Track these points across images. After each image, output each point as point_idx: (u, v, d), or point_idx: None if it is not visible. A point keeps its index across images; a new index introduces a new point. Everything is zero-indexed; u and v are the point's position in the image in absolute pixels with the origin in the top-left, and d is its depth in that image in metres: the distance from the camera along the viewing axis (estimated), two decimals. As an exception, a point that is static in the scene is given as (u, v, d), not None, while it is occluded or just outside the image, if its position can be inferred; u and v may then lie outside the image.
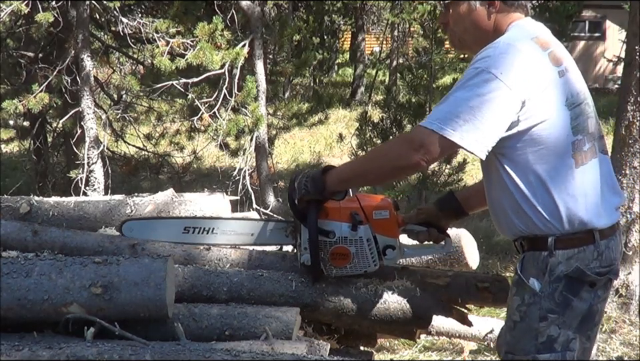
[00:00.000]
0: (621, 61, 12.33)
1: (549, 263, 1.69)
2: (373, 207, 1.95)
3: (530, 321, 1.71)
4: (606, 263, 1.71)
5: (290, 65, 7.09)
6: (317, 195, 1.85)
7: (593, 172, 1.73)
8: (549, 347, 1.68)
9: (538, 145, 1.67)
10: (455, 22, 1.82)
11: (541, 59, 1.67)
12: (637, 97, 4.07)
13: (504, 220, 1.78)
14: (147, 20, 5.78)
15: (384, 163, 1.76)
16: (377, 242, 1.94)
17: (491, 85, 1.61)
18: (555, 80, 1.68)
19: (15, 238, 2.14)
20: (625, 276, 4.26)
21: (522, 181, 1.69)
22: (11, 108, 5.43)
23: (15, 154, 9.12)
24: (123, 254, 1.99)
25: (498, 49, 1.66)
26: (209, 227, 2.16)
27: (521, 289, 1.74)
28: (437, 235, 2.06)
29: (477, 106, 1.62)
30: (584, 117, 1.74)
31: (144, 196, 2.57)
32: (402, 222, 2.02)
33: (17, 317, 1.64)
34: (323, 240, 1.91)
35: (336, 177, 1.84)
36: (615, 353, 3.87)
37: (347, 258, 1.93)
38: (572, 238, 1.69)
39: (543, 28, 1.81)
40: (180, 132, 7.22)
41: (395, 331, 2.15)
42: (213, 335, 1.78)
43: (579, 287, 1.69)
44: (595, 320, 1.74)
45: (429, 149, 1.65)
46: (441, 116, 1.64)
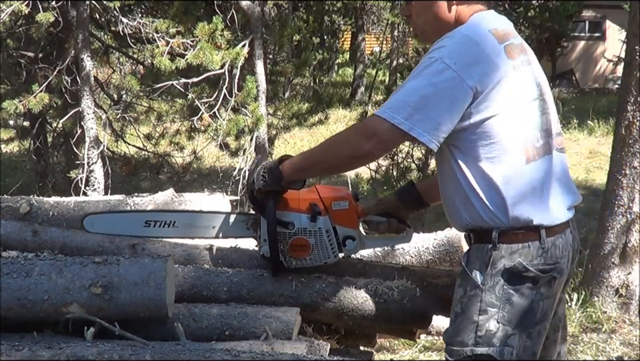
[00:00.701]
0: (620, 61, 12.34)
1: (492, 256, 1.69)
2: (332, 198, 1.95)
3: (470, 313, 1.70)
4: (550, 261, 1.70)
5: (290, 65, 7.09)
6: (275, 186, 1.85)
7: (544, 168, 1.72)
8: (488, 341, 1.68)
9: (489, 139, 1.67)
10: (417, 14, 1.83)
11: (496, 52, 1.67)
12: (637, 97, 4.07)
13: (453, 211, 1.79)
14: (147, 20, 5.77)
15: (337, 152, 1.76)
16: (337, 233, 1.94)
17: (444, 75, 1.62)
18: (509, 73, 1.67)
19: (14, 238, 2.14)
20: (625, 276, 4.26)
21: (471, 174, 1.70)
22: (11, 108, 5.43)
23: (15, 154, 9.12)
24: (122, 254, 1.99)
25: (453, 39, 1.67)
26: (170, 220, 2.15)
27: (464, 281, 1.74)
28: (397, 226, 2.05)
29: (429, 95, 1.62)
30: (539, 113, 1.73)
31: (144, 196, 2.57)
32: (362, 213, 2.02)
33: (17, 317, 1.64)
34: (282, 232, 1.91)
35: (292, 167, 1.83)
36: (614, 353, 3.87)
37: (306, 250, 1.93)
38: (516, 233, 1.69)
39: (503, 21, 1.80)
40: (180, 132, 7.21)
41: (395, 331, 2.15)
42: (213, 335, 1.78)
43: (521, 283, 1.69)
44: (537, 318, 1.71)
45: (381, 138, 1.65)
46: (393, 105, 1.65)
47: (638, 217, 4.18)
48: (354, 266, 2.10)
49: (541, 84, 1.78)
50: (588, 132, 11.14)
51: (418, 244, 2.41)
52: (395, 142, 1.71)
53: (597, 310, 4.22)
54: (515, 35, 1.77)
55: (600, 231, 4.34)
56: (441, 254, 2.30)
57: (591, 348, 3.90)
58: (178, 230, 2.15)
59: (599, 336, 4.04)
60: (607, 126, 10.77)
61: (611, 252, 4.25)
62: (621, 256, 4.24)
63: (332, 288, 1.97)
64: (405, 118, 1.62)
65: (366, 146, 1.66)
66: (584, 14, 18.81)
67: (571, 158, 9.73)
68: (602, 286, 4.30)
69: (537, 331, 1.72)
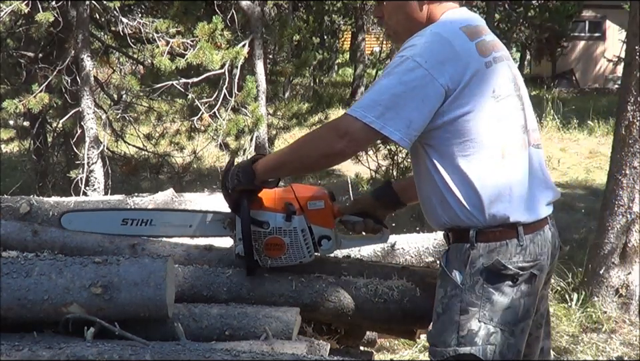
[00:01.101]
0: (620, 61, 12.34)
1: (471, 255, 1.69)
2: (307, 197, 1.95)
3: (451, 313, 1.70)
4: (529, 258, 1.70)
5: (290, 65, 7.08)
6: (248, 185, 1.85)
7: (520, 165, 1.72)
8: (470, 341, 1.68)
9: (463, 137, 1.67)
10: (389, 14, 1.83)
11: (467, 49, 1.67)
12: (637, 97, 4.07)
13: (430, 211, 1.79)
14: (147, 20, 5.76)
15: (309, 151, 1.76)
16: (312, 232, 1.94)
17: (415, 73, 1.61)
18: (481, 70, 1.67)
19: (14, 238, 2.14)
20: (625, 276, 4.26)
21: (447, 172, 1.69)
22: (11, 108, 5.42)
23: (15, 154, 9.11)
24: (122, 254, 1.99)
25: (424, 37, 1.66)
26: (147, 219, 2.15)
27: (444, 281, 1.74)
28: (374, 226, 2.05)
29: (400, 94, 1.62)
30: (512, 109, 1.73)
31: (144, 196, 2.57)
32: (338, 213, 2.01)
33: (17, 317, 1.64)
34: (257, 231, 1.91)
35: (265, 166, 1.83)
36: (614, 353, 3.87)
37: (281, 249, 1.93)
38: (494, 231, 1.69)
39: (475, 18, 1.80)
40: (180, 132, 7.20)
41: (395, 331, 2.15)
42: (213, 335, 1.78)
43: (500, 281, 1.68)
44: (519, 316, 1.71)
45: (353, 137, 1.64)
46: (364, 103, 1.64)
47: (638, 217, 4.18)
48: (354, 266, 2.10)
49: (516, 80, 1.78)
50: (588, 132, 11.14)
51: (418, 244, 2.41)
52: (366, 140, 1.70)
53: (597, 310, 4.22)
54: (486, 32, 1.76)
55: (600, 231, 4.34)
56: (441, 254, 2.30)
57: (591, 348, 3.90)
58: (155, 229, 2.15)
59: (598, 336, 4.04)
60: (607, 126, 10.77)
61: (611, 252, 4.25)
62: (621, 256, 4.24)
63: (332, 288, 1.97)
64: (377, 117, 1.62)
65: (338, 145, 1.66)
66: (584, 14, 18.82)
67: (571, 158, 9.74)
68: (602, 286, 4.29)
69: (519, 328, 1.72)
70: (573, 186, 8.37)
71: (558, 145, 10.44)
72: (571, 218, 6.91)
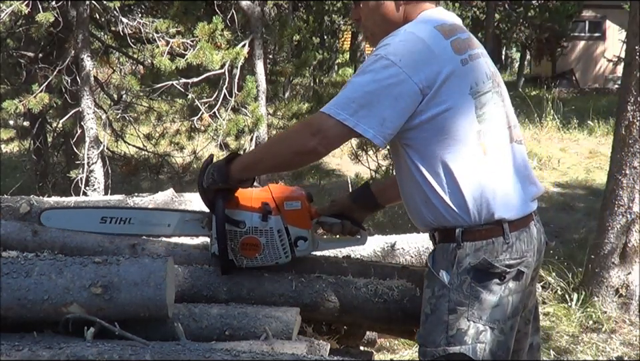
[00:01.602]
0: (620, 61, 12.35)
1: (457, 255, 1.69)
2: (284, 198, 1.95)
3: (440, 313, 1.70)
4: (516, 255, 1.70)
5: (290, 65, 7.08)
6: (223, 184, 1.85)
7: (502, 162, 1.72)
8: (459, 340, 1.68)
9: (442, 135, 1.66)
10: (366, 17, 1.83)
11: (442, 47, 1.67)
12: (637, 97, 4.07)
13: (415, 211, 1.79)
14: (147, 20, 5.76)
15: (283, 149, 1.76)
16: (289, 233, 1.94)
17: (389, 71, 1.61)
18: (457, 68, 1.67)
19: (14, 238, 2.14)
20: (625, 276, 4.26)
21: (428, 172, 1.69)
22: (11, 108, 5.42)
23: (15, 154, 9.11)
24: (123, 254, 1.99)
25: (398, 37, 1.67)
26: (126, 217, 2.15)
27: (432, 281, 1.74)
28: (351, 227, 2.05)
29: (374, 91, 1.62)
30: (491, 105, 1.72)
31: (144, 196, 2.57)
32: (315, 214, 2.01)
33: (17, 317, 1.64)
34: (233, 230, 1.90)
35: (239, 165, 1.83)
36: (614, 353, 3.87)
37: (257, 249, 1.92)
38: (480, 229, 1.69)
39: (450, 17, 1.80)
40: (180, 132, 7.20)
41: (395, 331, 2.15)
42: (213, 335, 1.78)
43: (488, 279, 1.68)
44: (508, 313, 1.71)
45: (326, 134, 1.65)
46: (338, 101, 1.64)
47: (638, 217, 4.18)
48: (354, 266, 2.10)
49: (494, 77, 1.77)
50: (588, 132, 11.14)
51: (418, 244, 2.41)
52: (340, 138, 1.69)
53: (597, 310, 4.22)
54: (461, 30, 1.77)
55: (600, 231, 4.34)
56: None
57: (591, 348, 3.90)
58: (134, 227, 2.14)
59: (599, 336, 4.04)
60: (607, 126, 10.76)
61: (611, 252, 4.25)
62: (621, 256, 4.24)
63: (332, 288, 1.97)
64: (350, 114, 1.62)
65: (311, 142, 1.66)
66: (584, 14, 18.82)
67: (571, 158, 9.74)
68: (602, 286, 4.29)
69: (509, 326, 1.72)
70: (573, 186, 8.36)
71: (558, 145, 10.44)
72: (571, 218, 6.91)
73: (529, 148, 9.71)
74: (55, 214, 2.20)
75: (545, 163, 9.26)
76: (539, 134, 10.81)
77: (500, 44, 23.05)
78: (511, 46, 24.15)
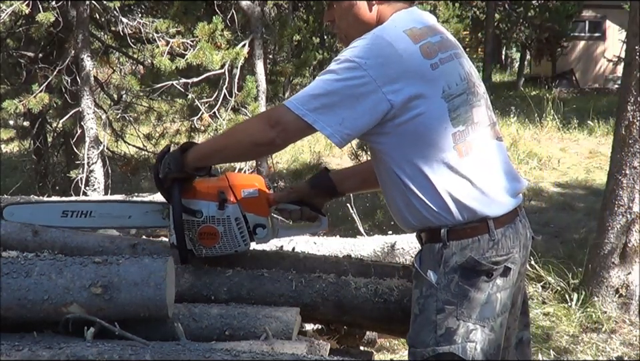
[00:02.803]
0: (620, 61, 12.35)
1: (444, 254, 1.69)
2: (241, 185, 1.94)
3: (428, 313, 1.70)
4: (503, 252, 1.70)
5: (290, 65, 7.09)
6: (178, 173, 1.84)
7: (481, 160, 1.72)
8: (449, 339, 1.67)
9: (416, 140, 1.66)
10: (339, 18, 1.82)
11: (410, 53, 1.65)
12: (637, 97, 4.07)
13: (398, 214, 1.78)
14: (147, 20, 5.77)
15: (241, 139, 1.75)
16: (247, 221, 1.93)
17: (354, 73, 1.61)
18: (426, 73, 1.66)
19: (15, 238, 2.14)
20: (625, 276, 4.25)
21: (406, 176, 1.69)
22: (11, 108, 5.43)
23: (15, 154, 9.12)
24: (123, 254, 1.99)
25: (366, 40, 1.66)
26: (86, 210, 2.14)
27: (419, 282, 1.73)
28: (310, 213, 2.04)
29: (336, 91, 1.62)
30: (467, 107, 1.71)
31: (144, 196, 2.58)
32: (273, 201, 2.01)
33: (17, 317, 1.64)
34: (190, 220, 1.90)
35: (195, 154, 1.82)
36: (614, 353, 3.87)
37: (215, 238, 1.92)
38: (465, 228, 1.69)
39: (423, 19, 1.78)
40: (180, 132, 7.20)
41: (395, 331, 2.15)
42: (213, 335, 1.78)
43: (475, 277, 1.68)
44: (497, 310, 1.71)
45: (285, 127, 1.65)
46: (300, 96, 1.65)
47: (638, 217, 4.17)
48: (354, 265, 2.10)
49: (469, 77, 1.76)
50: (588, 132, 11.14)
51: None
52: (297, 132, 1.68)
53: (597, 310, 4.21)
54: (434, 32, 1.75)
55: (600, 231, 4.34)
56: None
57: (591, 347, 3.90)
58: (95, 220, 2.14)
59: (599, 336, 4.03)
60: (607, 126, 10.76)
61: (611, 252, 4.25)
62: (621, 256, 4.24)
63: (332, 288, 1.97)
64: (310, 110, 1.62)
65: (269, 134, 1.66)
66: (584, 14, 18.82)
67: (571, 158, 9.74)
68: (602, 286, 4.29)
69: (498, 323, 1.71)
70: (573, 186, 8.36)
71: (558, 145, 10.44)
72: (571, 218, 6.91)
73: (529, 148, 9.71)
74: (18, 210, 2.20)
75: (544, 163, 9.26)
76: (539, 134, 10.81)
77: (500, 44, 23.04)
78: (511, 46, 24.13)
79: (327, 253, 2.32)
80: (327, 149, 10.02)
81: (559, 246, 5.49)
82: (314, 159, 9.08)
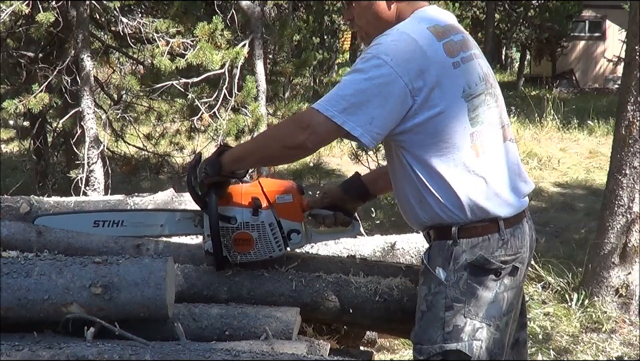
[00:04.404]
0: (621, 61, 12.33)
1: (454, 252, 1.70)
2: (275, 191, 1.95)
3: (436, 310, 1.70)
4: (511, 251, 1.71)
5: (290, 65, 7.08)
6: (215, 177, 1.85)
7: (496, 161, 1.73)
8: (456, 336, 1.68)
9: (435, 138, 1.67)
10: (358, 16, 1.82)
11: (434, 50, 1.66)
12: (637, 97, 4.07)
13: (409, 211, 1.79)
14: (147, 20, 5.76)
15: (273, 142, 1.76)
16: (281, 226, 1.94)
17: (380, 70, 1.61)
18: (448, 71, 1.66)
19: (19, 239, 2.14)
20: (625, 276, 4.25)
21: (422, 173, 1.70)
22: (11, 108, 5.42)
23: (15, 154, 9.11)
24: (127, 255, 1.98)
25: (390, 36, 1.66)
26: (118, 220, 2.16)
27: (428, 278, 1.74)
28: (344, 218, 2.05)
29: (364, 90, 1.61)
30: (484, 107, 1.72)
31: (144, 196, 2.57)
32: (307, 207, 2.01)
33: (16, 317, 1.65)
34: (225, 226, 1.90)
35: (230, 157, 1.83)
36: (615, 353, 3.87)
37: (249, 244, 1.92)
38: (476, 226, 1.70)
39: (445, 17, 1.79)
40: (180, 132, 7.20)
41: (395, 331, 2.15)
42: (213, 335, 1.79)
43: (484, 276, 1.69)
44: (504, 310, 1.71)
45: (315, 130, 1.64)
46: (329, 98, 1.64)
47: (638, 217, 4.17)
48: (358, 265, 2.10)
49: (487, 78, 1.77)
50: (588, 132, 11.13)
51: (418, 243, 2.41)
52: (328, 134, 1.68)
53: (597, 310, 4.21)
54: (456, 31, 1.76)
55: (600, 231, 4.34)
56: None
57: (591, 347, 3.90)
58: (127, 230, 2.15)
59: (599, 336, 4.03)
60: (607, 126, 10.76)
61: (611, 252, 4.25)
62: (621, 256, 4.23)
63: (332, 288, 1.97)
64: (339, 111, 1.62)
65: (299, 137, 1.66)
66: (584, 14, 18.81)
67: (571, 158, 9.73)
68: (602, 286, 4.29)
69: (504, 322, 1.72)
70: (573, 186, 8.36)
71: (558, 145, 10.43)
72: (571, 218, 6.90)
73: (529, 148, 9.71)
74: (48, 221, 2.21)
75: (544, 163, 9.25)
76: (539, 134, 10.81)
77: (500, 44, 23.03)
78: (511, 46, 24.12)
79: (326, 253, 2.31)
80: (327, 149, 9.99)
81: (559, 246, 5.49)
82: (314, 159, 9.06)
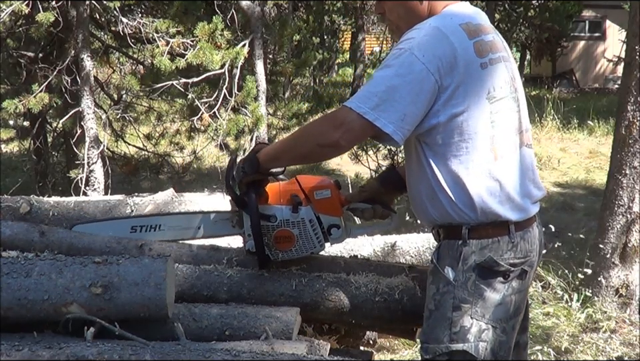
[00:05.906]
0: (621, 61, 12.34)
1: (463, 252, 1.69)
2: (313, 187, 1.95)
3: (444, 310, 1.70)
4: (520, 254, 1.71)
5: (290, 65, 7.07)
6: (254, 174, 1.85)
7: (512, 165, 1.72)
8: (462, 337, 1.68)
9: (457, 137, 1.66)
10: (390, 10, 1.81)
11: (464, 48, 1.65)
12: (637, 97, 4.07)
13: (420, 206, 1.79)
14: (147, 20, 5.76)
15: (307, 140, 1.76)
16: (321, 222, 1.95)
17: (413, 67, 1.61)
18: (476, 71, 1.66)
19: (22, 239, 2.14)
20: (625, 276, 4.25)
21: (439, 170, 1.69)
22: (11, 108, 5.41)
23: (15, 154, 9.11)
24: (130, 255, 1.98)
25: (423, 31, 1.65)
26: (155, 224, 2.16)
27: (436, 278, 1.74)
28: (382, 211, 2.05)
29: (396, 86, 1.61)
30: (506, 111, 1.72)
31: (144, 196, 2.57)
32: (345, 201, 2.02)
33: (16, 317, 1.65)
34: (265, 225, 1.91)
35: (266, 155, 1.84)
36: (615, 353, 3.87)
37: (291, 241, 1.93)
38: (486, 228, 1.69)
39: (477, 16, 1.78)
40: (180, 132, 7.19)
41: (396, 330, 2.15)
42: (213, 335, 1.79)
43: (492, 277, 1.69)
44: (511, 312, 1.71)
45: (348, 127, 1.64)
46: (361, 95, 1.64)
47: (638, 217, 4.17)
48: (361, 265, 2.10)
49: (513, 82, 1.77)
50: (588, 132, 11.13)
51: (418, 244, 2.41)
52: (361, 132, 1.67)
53: (597, 310, 4.21)
54: (487, 31, 1.75)
55: (600, 231, 4.34)
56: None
57: (591, 348, 3.90)
58: (165, 233, 2.16)
59: (599, 336, 4.03)
60: (607, 126, 10.76)
61: (611, 252, 4.25)
62: (621, 256, 4.23)
63: (332, 288, 1.97)
64: (371, 108, 1.61)
65: (334, 135, 1.66)
66: (584, 14, 18.81)
67: (571, 158, 9.73)
68: (602, 286, 4.29)
69: (510, 325, 1.72)
70: (573, 186, 8.36)
71: (558, 145, 10.43)
72: (571, 218, 6.90)
73: (529, 147, 9.68)
74: (85, 228, 2.21)
75: (544, 163, 9.25)
76: (539, 134, 10.80)
77: (500, 44, 22.98)
78: (511, 46, 24.14)
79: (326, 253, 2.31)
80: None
81: (559, 246, 5.49)
82: (314, 159, 9.05)
